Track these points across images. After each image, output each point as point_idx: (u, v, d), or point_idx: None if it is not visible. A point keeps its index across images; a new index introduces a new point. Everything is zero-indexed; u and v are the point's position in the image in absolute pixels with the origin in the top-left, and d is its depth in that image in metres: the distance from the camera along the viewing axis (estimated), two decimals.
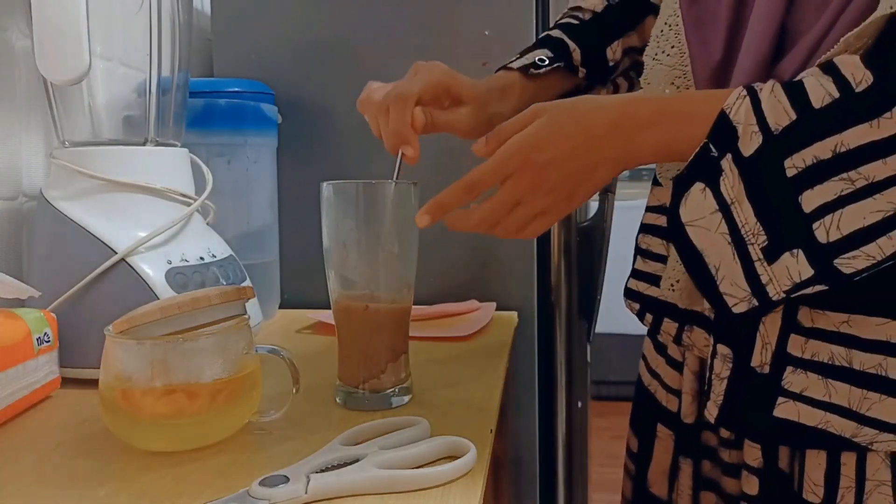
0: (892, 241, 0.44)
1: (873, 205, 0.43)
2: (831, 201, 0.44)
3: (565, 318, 1.08)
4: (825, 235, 0.44)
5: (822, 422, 0.49)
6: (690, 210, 0.47)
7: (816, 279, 0.45)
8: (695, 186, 0.47)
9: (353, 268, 0.60)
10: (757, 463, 0.55)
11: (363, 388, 0.61)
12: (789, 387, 0.50)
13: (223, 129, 0.92)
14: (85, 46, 0.63)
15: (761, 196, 0.45)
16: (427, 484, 0.46)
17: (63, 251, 0.69)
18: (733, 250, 0.46)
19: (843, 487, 0.50)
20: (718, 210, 0.46)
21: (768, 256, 0.46)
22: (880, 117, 0.42)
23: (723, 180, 0.46)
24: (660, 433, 0.68)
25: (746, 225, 0.46)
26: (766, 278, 0.46)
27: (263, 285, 0.93)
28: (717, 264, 0.47)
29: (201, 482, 0.47)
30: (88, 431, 0.56)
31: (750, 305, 0.47)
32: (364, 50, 1.04)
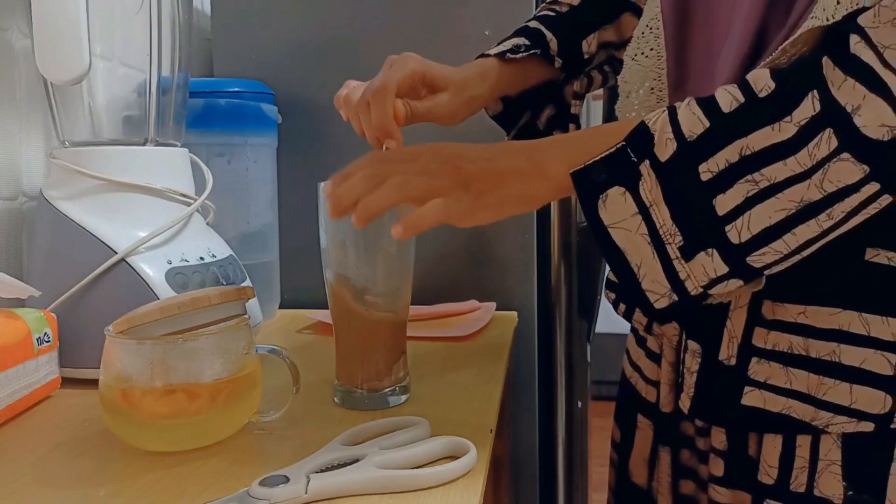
0: (796, 237, 0.46)
1: (777, 204, 0.46)
2: (741, 203, 0.46)
3: (565, 318, 1.08)
4: (737, 236, 0.47)
5: (785, 408, 0.52)
6: (612, 213, 0.49)
7: (731, 275, 0.48)
8: (613, 190, 0.49)
9: (351, 267, 0.60)
10: (722, 446, 0.58)
11: (361, 388, 0.61)
12: (755, 376, 0.53)
13: (223, 129, 0.92)
14: (85, 46, 0.63)
15: (677, 199, 0.48)
16: (427, 484, 0.46)
17: (63, 251, 0.69)
18: (652, 250, 0.49)
19: (797, 468, 0.52)
20: (638, 213, 0.48)
21: (685, 255, 0.48)
22: (780, 121, 0.45)
23: (641, 184, 0.48)
24: (640, 423, 0.70)
25: (664, 226, 0.48)
26: (684, 275, 0.48)
27: (263, 285, 0.93)
28: (638, 263, 0.49)
29: (201, 482, 0.47)
30: (88, 431, 0.56)
31: (670, 300, 0.49)
32: (364, 50, 1.04)
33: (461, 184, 0.52)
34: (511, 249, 1.03)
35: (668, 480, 0.66)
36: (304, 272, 0.99)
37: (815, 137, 0.44)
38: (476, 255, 1.03)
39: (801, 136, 0.45)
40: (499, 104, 0.76)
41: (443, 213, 0.51)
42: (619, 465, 0.73)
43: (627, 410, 0.72)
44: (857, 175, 0.44)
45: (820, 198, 0.45)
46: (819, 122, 0.44)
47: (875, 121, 0.43)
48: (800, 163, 0.45)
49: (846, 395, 0.50)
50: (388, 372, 0.62)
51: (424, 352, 0.79)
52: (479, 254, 1.03)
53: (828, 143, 0.44)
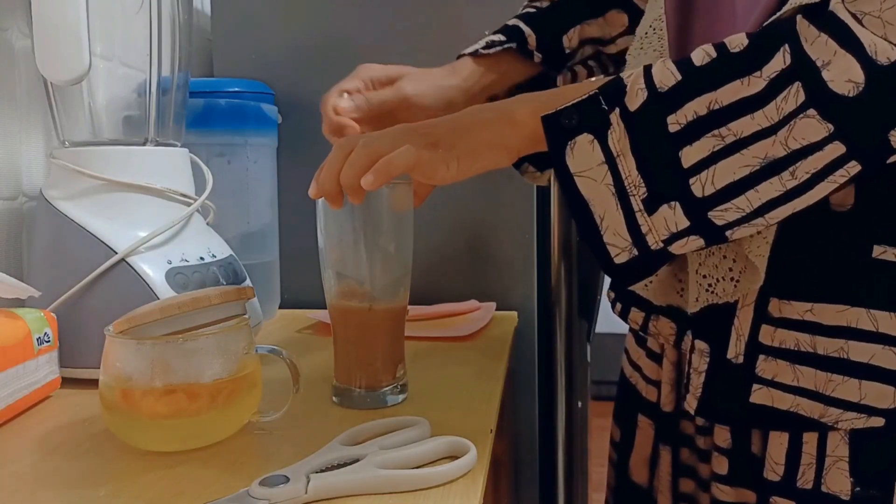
0: (759, 195, 0.46)
1: (741, 160, 0.46)
2: (706, 157, 0.46)
3: (565, 318, 1.08)
4: (700, 190, 0.47)
5: (793, 405, 0.52)
6: (578, 161, 0.49)
7: (691, 230, 0.48)
8: (582, 137, 0.49)
9: (349, 267, 0.60)
10: (726, 444, 0.57)
11: (359, 387, 0.61)
12: (762, 374, 0.52)
13: (223, 129, 0.92)
14: (85, 46, 0.63)
15: (644, 150, 0.48)
16: (427, 484, 0.46)
17: (63, 251, 0.69)
18: (616, 201, 0.48)
19: (804, 465, 0.52)
20: (605, 162, 0.48)
21: (648, 208, 0.48)
22: (750, 75, 0.45)
23: (610, 133, 0.48)
24: (640, 423, 0.70)
25: (629, 177, 0.48)
26: (646, 228, 0.48)
27: (263, 285, 0.93)
28: (601, 214, 0.49)
29: (201, 482, 0.47)
30: (88, 431, 0.56)
31: (630, 255, 0.49)
32: (364, 50, 1.04)
33: (430, 142, 0.52)
34: (511, 249, 1.03)
35: (669, 479, 0.66)
36: (304, 272, 0.99)
37: (783, 91, 0.44)
38: (476, 255, 1.03)
39: (770, 89, 0.44)
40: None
41: (413, 156, 0.51)
42: (619, 464, 0.73)
43: (627, 410, 0.72)
44: (821, 133, 0.44)
45: (784, 155, 0.45)
46: (788, 75, 0.44)
47: (842, 75, 0.43)
48: (767, 117, 0.45)
49: (855, 391, 0.50)
50: (387, 371, 0.62)
51: (424, 352, 0.79)
52: (479, 254, 1.03)
53: (795, 97, 0.44)
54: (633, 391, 0.71)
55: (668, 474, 0.66)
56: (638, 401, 0.70)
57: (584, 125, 0.49)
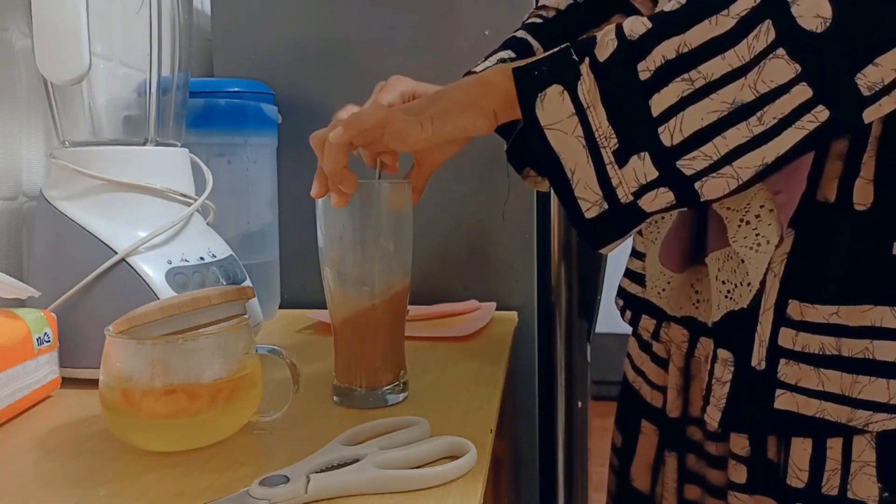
0: (726, 141, 0.45)
1: (710, 105, 0.45)
2: (675, 104, 0.45)
3: (565, 318, 1.08)
4: (669, 138, 0.46)
5: (819, 410, 0.50)
6: (549, 113, 0.48)
7: (661, 181, 0.47)
8: (552, 89, 0.48)
9: (349, 266, 0.60)
10: (745, 452, 0.56)
11: (359, 386, 0.61)
12: (784, 378, 0.51)
13: (223, 129, 0.92)
14: (85, 46, 0.63)
15: (614, 100, 0.47)
16: (427, 484, 0.46)
17: (63, 251, 0.69)
18: (587, 153, 0.48)
19: (829, 470, 0.51)
20: (575, 114, 0.48)
21: (618, 160, 0.47)
22: (718, 14, 0.44)
23: (580, 84, 0.47)
24: (644, 429, 0.69)
25: (600, 129, 0.47)
26: (616, 181, 0.48)
27: (263, 285, 0.93)
28: (572, 168, 0.48)
29: (201, 482, 0.47)
30: (88, 431, 0.56)
31: (601, 209, 0.49)
32: (364, 50, 1.04)
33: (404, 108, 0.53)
34: (511, 249, 1.03)
35: (675, 486, 0.65)
36: (304, 272, 0.99)
37: (753, 29, 0.43)
38: (476, 255, 1.03)
39: (740, 28, 0.43)
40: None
41: (382, 113, 0.51)
42: (620, 470, 0.72)
43: (630, 415, 0.71)
44: (788, 74, 0.43)
45: (752, 99, 0.44)
46: (759, 11, 0.43)
47: (811, 10, 0.42)
48: (738, 56, 0.44)
49: (884, 392, 0.49)
50: (387, 370, 0.62)
51: (424, 352, 0.79)
52: (479, 254, 1.03)
53: (766, 35, 0.43)
54: (637, 396, 0.70)
55: (673, 481, 0.65)
56: (642, 406, 0.70)
57: (554, 77, 0.48)
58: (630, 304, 0.69)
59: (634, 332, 0.72)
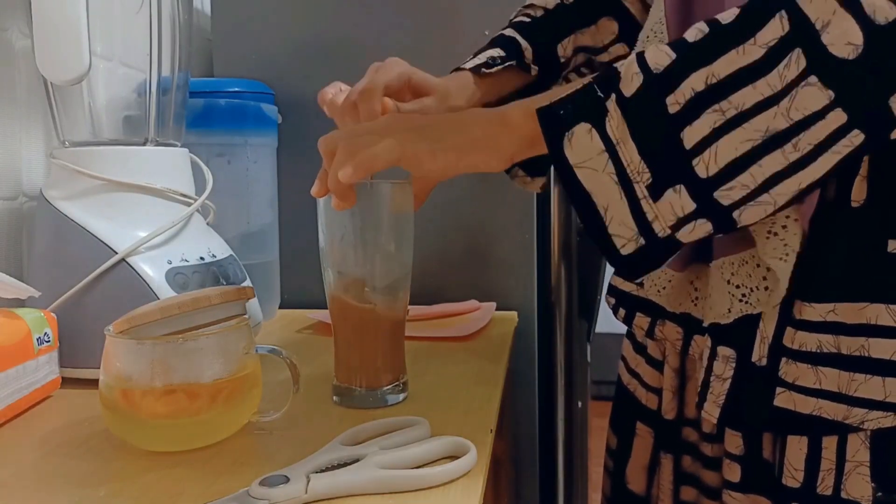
0: (763, 169, 0.45)
1: (742, 134, 0.45)
2: (708, 135, 0.45)
3: (565, 318, 1.08)
4: (705, 170, 0.46)
5: (816, 408, 0.50)
6: (577, 152, 0.48)
7: (698, 213, 0.47)
8: (579, 127, 0.48)
9: (350, 267, 0.60)
10: (739, 450, 0.56)
11: (359, 386, 0.61)
12: (785, 377, 0.51)
13: (223, 129, 0.92)
14: (85, 46, 0.63)
15: (644, 134, 0.47)
16: (427, 484, 0.46)
17: (63, 251, 0.69)
18: (620, 190, 0.47)
19: (824, 470, 0.51)
20: (605, 151, 0.47)
21: (653, 194, 0.47)
22: (745, 44, 0.44)
23: (608, 121, 0.47)
24: (639, 431, 0.69)
25: (631, 164, 0.47)
26: (652, 215, 0.47)
27: (263, 285, 0.93)
28: (605, 205, 0.48)
29: (201, 482, 0.47)
30: (88, 431, 0.56)
31: (637, 245, 0.48)
32: (364, 50, 1.04)
33: (419, 136, 0.52)
34: (511, 249, 1.03)
35: (671, 488, 0.65)
36: (304, 272, 0.99)
37: (784, 58, 0.43)
38: (476, 255, 1.03)
39: (770, 57, 0.44)
40: None
41: (397, 151, 0.51)
42: (615, 472, 0.72)
43: (625, 418, 0.71)
44: (822, 101, 0.43)
45: (786, 126, 0.44)
46: (789, 41, 0.43)
47: (841, 38, 0.42)
48: (770, 85, 0.44)
49: (879, 389, 0.48)
50: (387, 370, 0.62)
51: (424, 352, 0.79)
52: (479, 254, 1.03)
53: (797, 63, 0.43)
54: (632, 399, 0.70)
55: (669, 482, 0.65)
56: (637, 408, 0.69)
57: (581, 115, 0.48)
58: (623, 302, 0.69)
59: (629, 332, 0.72)
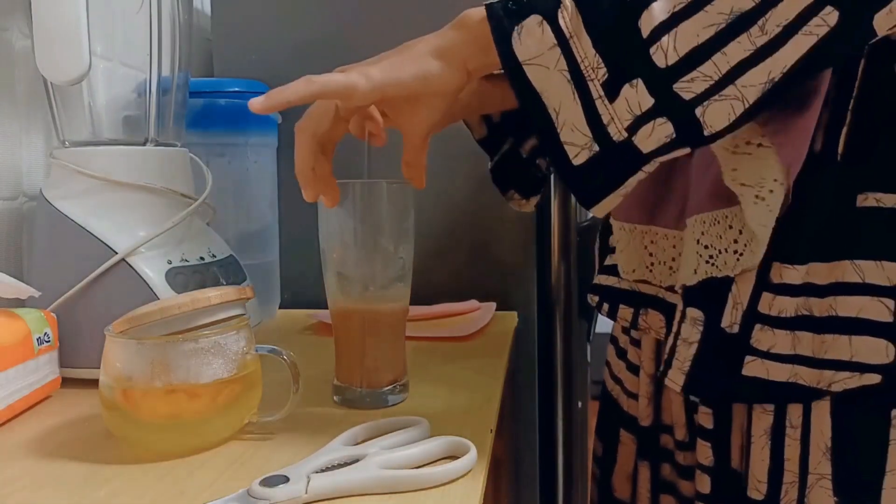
0: (727, 57, 0.41)
1: (705, 18, 0.41)
2: (666, 20, 0.42)
3: (565, 318, 1.08)
4: (663, 59, 0.42)
5: (792, 375, 0.48)
6: (527, 46, 0.44)
7: (657, 110, 0.43)
8: (530, 20, 0.44)
9: (350, 267, 0.60)
10: (708, 461, 0.55)
11: (360, 386, 0.61)
12: (757, 345, 0.49)
13: (223, 129, 0.92)
14: (85, 46, 0.63)
15: (599, 25, 0.43)
16: (427, 484, 0.46)
17: (63, 251, 0.69)
18: (573, 88, 0.44)
19: (787, 483, 0.49)
20: (557, 45, 0.44)
21: (609, 92, 0.43)
22: None
23: (560, 12, 0.44)
24: (622, 438, 0.68)
25: (585, 59, 0.43)
26: (607, 117, 0.44)
27: (263, 285, 0.93)
28: (556, 107, 0.44)
29: (201, 482, 0.47)
30: (88, 431, 0.56)
31: (591, 153, 0.44)
32: (364, 50, 1.03)
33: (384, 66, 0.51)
34: (511, 249, 1.03)
35: (648, 496, 0.64)
36: (304, 272, 0.99)
37: None
38: (476, 255, 1.03)
39: None
40: (483, 127, 0.71)
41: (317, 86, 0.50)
42: (602, 480, 0.70)
43: (609, 424, 0.70)
44: None
45: (752, 6, 0.40)
46: None
47: None
48: None
49: (846, 349, 0.46)
50: (387, 370, 0.62)
51: (424, 352, 0.79)
52: (479, 254, 1.03)
53: None
54: (615, 405, 0.69)
55: (647, 490, 0.64)
56: (620, 415, 0.68)
57: (531, 6, 0.44)
58: (606, 297, 0.67)
59: (612, 337, 0.71)
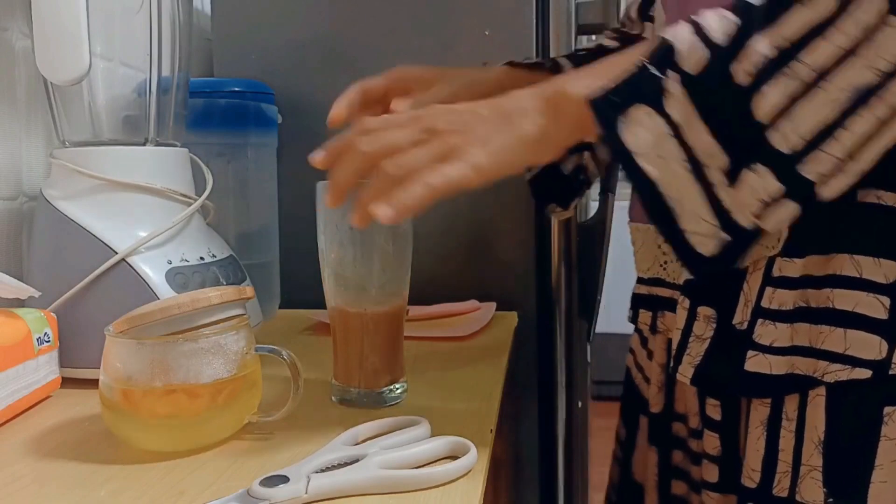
0: (851, 132, 0.41)
1: (824, 97, 0.40)
2: (782, 102, 0.41)
3: (565, 318, 1.08)
4: (785, 143, 0.42)
5: (790, 366, 0.49)
6: (637, 137, 0.44)
7: (785, 194, 0.43)
8: (637, 111, 0.44)
9: (349, 267, 0.60)
10: (716, 451, 0.56)
11: (359, 387, 0.61)
12: (759, 339, 0.50)
13: (223, 129, 0.91)
14: (85, 46, 0.63)
15: (713, 112, 0.42)
16: (427, 484, 0.46)
17: (63, 251, 0.69)
18: (692, 177, 0.43)
19: (780, 472, 0.50)
20: (669, 135, 0.43)
21: (730, 177, 0.43)
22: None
23: (668, 101, 0.43)
24: (641, 423, 0.70)
25: (701, 147, 0.43)
26: (733, 205, 0.43)
27: (263, 285, 0.93)
28: (676, 196, 0.44)
29: (201, 482, 0.47)
30: (88, 431, 0.56)
31: (721, 242, 0.44)
32: (364, 50, 1.04)
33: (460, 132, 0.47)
34: (511, 249, 1.03)
35: (655, 480, 0.66)
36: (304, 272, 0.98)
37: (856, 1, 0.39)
38: (476, 255, 1.03)
39: (842, 3, 0.39)
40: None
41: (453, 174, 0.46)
42: (623, 461, 0.73)
43: (630, 410, 0.72)
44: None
45: (872, 80, 0.39)
46: None
47: None
48: (845, 33, 0.39)
49: (840, 342, 0.47)
50: (386, 371, 0.62)
51: (424, 352, 0.79)
52: (479, 254, 1.03)
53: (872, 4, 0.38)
54: (636, 391, 0.71)
55: (654, 475, 0.66)
56: (639, 401, 0.70)
57: (637, 97, 0.44)
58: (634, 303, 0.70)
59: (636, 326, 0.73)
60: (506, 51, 0.93)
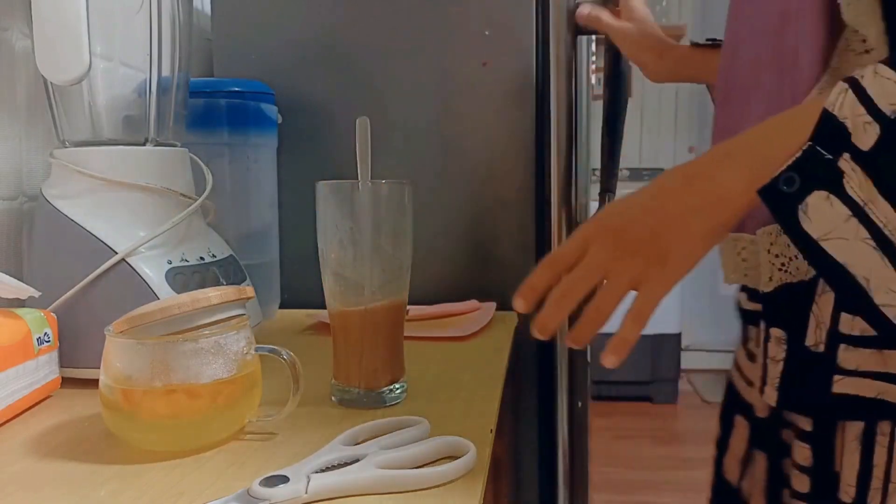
0: None
1: None
2: None
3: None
4: None
5: (880, 392, 0.48)
6: (819, 223, 0.43)
7: None
8: (814, 197, 0.43)
9: (349, 267, 0.60)
10: (807, 462, 0.55)
11: (358, 387, 0.61)
12: (844, 364, 0.49)
13: (223, 129, 0.91)
14: (85, 46, 0.63)
15: (892, 184, 0.42)
16: (427, 484, 0.46)
17: (63, 251, 0.69)
18: (881, 255, 0.43)
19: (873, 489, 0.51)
20: (852, 216, 0.43)
21: None
22: None
23: (847, 182, 0.43)
24: (737, 423, 0.69)
25: (888, 223, 0.42)
26: None
27: (263, 285, 0.93)
28: (866, 275, 0.44)
29: (201, 482, 0.47)
30: (88, 431, 0.56)
31: None
32: (364, 50, 1.04)
33: (633, 252, 0.49)
34: (511, 249, 1.03)
35: (763, 486, 0.65)
36: (304, 272, 0.99)
37: None
38: (476, 255, 1.03)
39: None
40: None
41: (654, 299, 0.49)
42: (717, 461, 0.72)
43: (728, 410, 0.71)
44: None
45: None
46: None
47: None
48: None
49: None
50: (386, 370, 0.62)
51: (424, 352, 0.79)
52: (479, 254, 1.03)
53: None
54: (735, 392, 0.70)
55: (762, 481, 0.65)
56: (737, 400, 0.69)
57: (812, 184, 0.43)
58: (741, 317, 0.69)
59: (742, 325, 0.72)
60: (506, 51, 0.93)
